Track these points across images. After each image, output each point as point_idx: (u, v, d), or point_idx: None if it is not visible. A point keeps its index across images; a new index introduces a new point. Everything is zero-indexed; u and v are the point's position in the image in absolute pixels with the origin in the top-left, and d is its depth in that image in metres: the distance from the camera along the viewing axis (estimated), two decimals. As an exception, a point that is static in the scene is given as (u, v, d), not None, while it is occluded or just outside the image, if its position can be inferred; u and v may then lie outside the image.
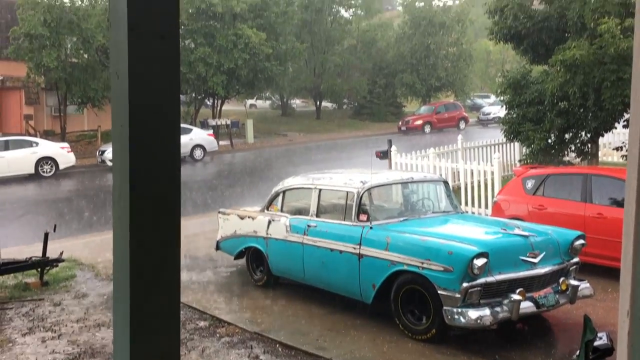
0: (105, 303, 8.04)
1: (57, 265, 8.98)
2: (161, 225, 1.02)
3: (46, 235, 8.77)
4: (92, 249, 10.61)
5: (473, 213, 12.17)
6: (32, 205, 16.71)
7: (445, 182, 8.49)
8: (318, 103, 42.07)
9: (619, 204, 8.23)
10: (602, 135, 13.84)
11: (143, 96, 1.00)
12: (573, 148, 13.60)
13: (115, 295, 1.06)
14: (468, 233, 7.10)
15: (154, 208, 1.01)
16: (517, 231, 6.83)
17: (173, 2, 1.03)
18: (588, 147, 13.53)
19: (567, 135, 13.38)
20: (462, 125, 35.06)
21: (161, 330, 1.02)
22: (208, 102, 34.79)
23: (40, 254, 8.75)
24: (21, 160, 20.43)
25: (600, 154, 15.05)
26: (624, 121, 12.68)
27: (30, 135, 25.05)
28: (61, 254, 8.96)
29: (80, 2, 27.42)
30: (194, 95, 32.54)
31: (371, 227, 7.11)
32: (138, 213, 0.99)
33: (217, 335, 6.94)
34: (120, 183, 0.99)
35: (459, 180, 13.34)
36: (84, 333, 6.99)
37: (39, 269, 8.76)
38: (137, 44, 0.99)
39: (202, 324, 7.31)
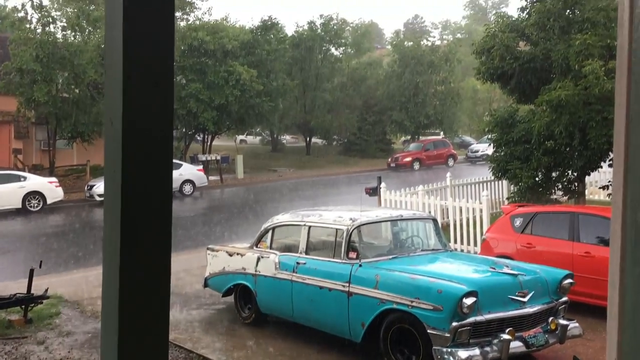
0: (89, 341, 7.90)
1: (41, 302, 8.84)
2: (152, 268, 1.02)
3: (31, 272, 8.65)
4: (78, 286, 10.46)
5: (462, 251, 12.18)
6: (18, 241, 16.52)
7: (435, 220, 8.52)
8: (308, 139, 42.32)
9: (607, 242, 8.27)
10: (589, 174, 13.99)
11: (137, 143, 1.01)
12: (560, 186, 13.74)
13: (102, 339, 1.05)
14: (457, 272, 7.09)
15: (145, 253, 1.01)
16: (505, 270, 6.84)
17: (168, 49, 1.05)
18: (575, 186, 13.66)
19: (554, 174, 13.52)
20: (450, 162, 35.34)
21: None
22: (198, 138, 34.89)
23: (25, 290, 8.62)
24: (8, 194, 20.27)
25: (587, 192, 15.19)
26: (609, 160, 12.85)
27: (18, 169, 24.92)
28: (46, 290, 8.82)
29: (72, 38, 27.67)
30: (184, 130, 32.65)
31: (360, 265, 7.09)
32: (129, 258, 1.00)
33: (204, 374, 6.82)
34: (111, 230, 0.99)
35: (448, 217, 13.39)
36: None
37: (23, 306, 8.61)
38: (131, 91, 1.01)
39: (188, 363, 7.18)
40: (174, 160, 24.98)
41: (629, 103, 0.94)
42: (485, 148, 31.69)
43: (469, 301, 6.05)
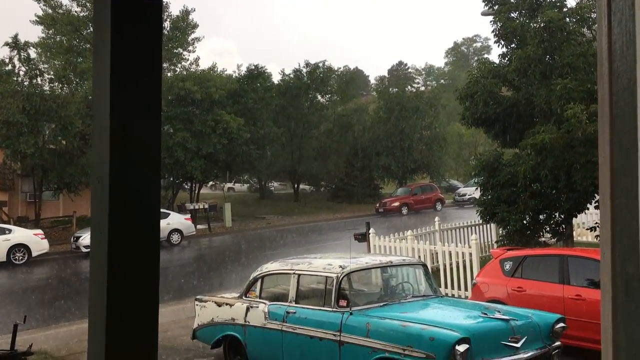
0: (74, 399, 7.66)
1: (25, 359, 8.59)
2: (139, 320, 1.00)
3: (15, 327, 8.43)
4: (64, 340, 10.22)
5: (453, 295, 12.10)
6: (2, 295, 16.18)
7: (424, 266, 8.49)
8: (296, 186, 42.39)
9: (597, 285, 8.26)
10: (576, 216, 14.08)
11: (123, 202, 1.01)
12: (548, 229, 13.79)
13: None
14: (449, 318, 7.01)
15: (132, 304, 0.99)
16: (497, 315, 6.78)
17: (155, 103, 1.05)
18: (563, 228, 13.73)
19: (541, 216, 13.60)
20: (438, 206, 35.44)
21: None
22: (186, 186, 34.83)
23: (8, 346, 8.39)
24: (-7, 247, 19.98)
25: (575, 234, 15.25)
26: (595, 202, 12.96)
27: (3, 222, 24.63)
28: (30, 346, 8.58)
29: (59, 90, 27.80)
30: (172, 179, 32.60)
31: (351, 313, 7.00)
32: (115, 310, 0.98)
33: None
34: (98, 282, 0.97)
35: (437, 262, 13.34)
36: None
37: (6, 363, 8.37)
38: (118, 148, 1.01)
39: (176, 419, 6.98)
40: (162, 210, 24.94)
41: (612, 159, 0.95)
42: (472, 191, 31.87)
43: (461, 348, 5.97)
